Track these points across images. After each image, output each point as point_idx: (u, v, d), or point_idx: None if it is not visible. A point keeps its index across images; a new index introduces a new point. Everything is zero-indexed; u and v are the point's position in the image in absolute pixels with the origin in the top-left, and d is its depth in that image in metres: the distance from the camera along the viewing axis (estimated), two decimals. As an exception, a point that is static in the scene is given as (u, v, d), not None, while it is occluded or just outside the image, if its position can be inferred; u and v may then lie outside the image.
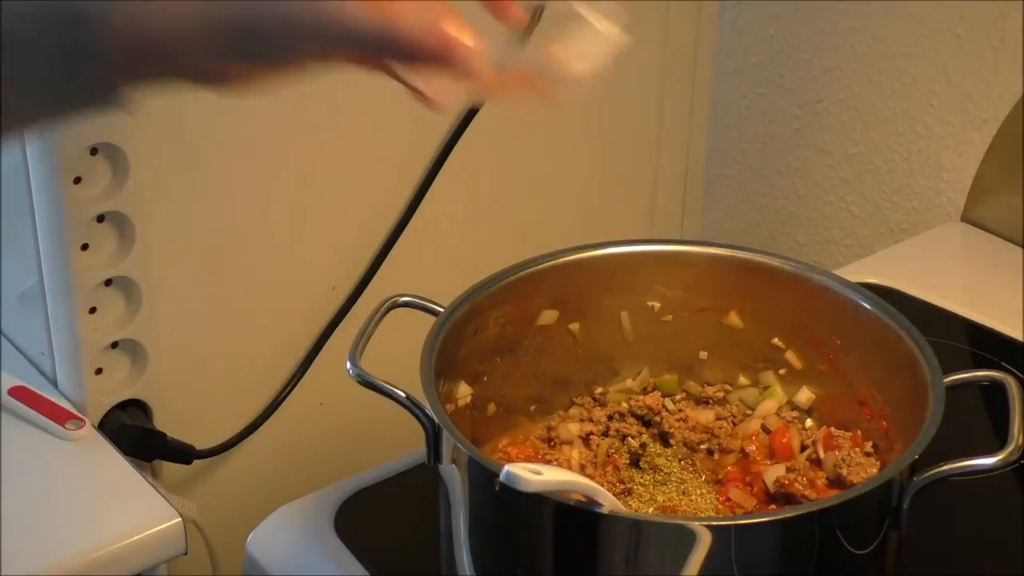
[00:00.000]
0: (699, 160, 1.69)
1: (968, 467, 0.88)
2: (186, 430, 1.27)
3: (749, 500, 1.00)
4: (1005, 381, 0.93)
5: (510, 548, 0.90)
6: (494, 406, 1.04)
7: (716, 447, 1.05)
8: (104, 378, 1.21)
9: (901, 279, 1.35)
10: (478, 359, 1.02)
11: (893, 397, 1.00)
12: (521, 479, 0.78)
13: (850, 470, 0.98)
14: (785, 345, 1.06)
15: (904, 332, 0.97)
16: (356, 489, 1.10)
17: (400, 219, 1.35)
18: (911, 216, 1.53)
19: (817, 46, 1.55)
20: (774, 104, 1.63)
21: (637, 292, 1.07)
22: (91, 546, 1.07)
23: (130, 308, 1.20)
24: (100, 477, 1.15)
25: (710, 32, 1.61)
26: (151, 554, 1.10)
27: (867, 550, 0.88)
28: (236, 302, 1.28)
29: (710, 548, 0.82)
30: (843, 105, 1.56)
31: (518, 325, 1.04)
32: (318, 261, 1.33)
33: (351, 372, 0.94)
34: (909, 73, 1.48)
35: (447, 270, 1.39)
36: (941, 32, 1.44)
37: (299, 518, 1.08)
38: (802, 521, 0.85)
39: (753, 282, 1.05)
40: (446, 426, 0.89)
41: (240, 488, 1.35)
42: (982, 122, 1.43)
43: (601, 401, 1.08)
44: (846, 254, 1.61)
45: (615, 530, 0.85)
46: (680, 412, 1.07)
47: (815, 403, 1.06)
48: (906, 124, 1.50)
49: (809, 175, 1.62)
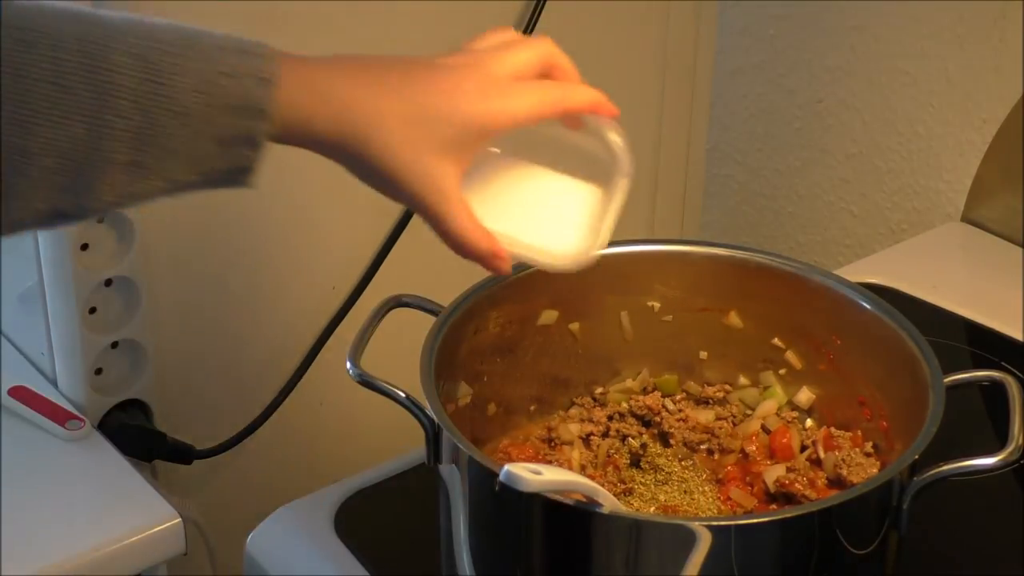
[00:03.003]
0: (699, 160, 1.69)
1: (968, 467, 0.88)
2: (186, 430, 1.27)
3: (749, 500, 1.00)
4: (1005, 381, 0.93)
5: (510, 548, 0.90)
6: (494, 406, 1.04)
7: (716, 447, 1.05)
8: (104, 378, 1.21)
9: (901, 279, 1.35)
10: (478, 359, 1.02)
11: (893, 397, 1.00)
12: (521, 479, 0.78)
13: (850, 470, 0.98)
14: (785, 345, 1.06)
15: (904, 332, 0.97)
16: (356, 489, 1.10)
17: (400, 219, 1.35)
18: (911, 216, 1.53)
19: (817, 46, 1.55)
20: (774, 104, 1.63)
21: (637, 292, 1.07)
22: (91, 546, 1.07)
23: (130, 308, 1.20)
24: (100, 477, 1.15)
25: (710, 32, 1.61)
26: (151, 554, 1.10)
27: (867, 550, 0.88)
28: (236, 302, 1.28)
29: (710, 548, 0.82)
30: (843, 105, 1.56)
31: (518, 325, 1.04)
32: (318, 261, 1.33)
33: (351, 372, 0.94)
34: (909, 73, 1.48)
35: (447, 270, 1.38)
36: (941, 32, 1.44)
37: (299, 518, 1.08)
38: (802, 521, 0.85)
39: (753, 282, 1.05)
40: (446, 426, 0.89)
41: (240, 488, 1.35)
42: (982, 122, 1.43)
43: (601, 401, 1.08)
44: (846, 254, 1.61)
45: (615, 530, 0.85)
46: (680, 412, 1.07)
47: (815, 403, 1.06)
48: (906, 124, 1.50)
49: (809, 175, 1.62)
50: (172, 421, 1.26)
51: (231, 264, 1.27)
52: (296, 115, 0.75)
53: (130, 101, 0.69)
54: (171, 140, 0.71)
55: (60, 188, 0.69)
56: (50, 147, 0.68)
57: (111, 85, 0.69)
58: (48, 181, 0.69)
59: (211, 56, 0.72)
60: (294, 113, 0.75)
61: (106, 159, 0.70)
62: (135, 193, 0.72)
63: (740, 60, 1.64)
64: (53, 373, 1.22)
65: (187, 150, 0.72)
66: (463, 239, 0.82)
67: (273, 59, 0.74)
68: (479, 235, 0.82)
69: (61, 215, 0.71)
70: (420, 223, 1.36)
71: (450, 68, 0.81)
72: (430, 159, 0.79)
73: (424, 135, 0.78)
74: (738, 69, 1.64)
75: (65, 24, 0.69)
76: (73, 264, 1.15)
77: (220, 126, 0.72)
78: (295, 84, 0.75)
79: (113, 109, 0.69)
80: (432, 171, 0.79)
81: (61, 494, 1.13)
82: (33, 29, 0.68)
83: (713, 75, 1.65)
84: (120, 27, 0.70)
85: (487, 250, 0.83)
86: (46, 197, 0.69)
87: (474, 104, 0.80)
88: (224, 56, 0.72)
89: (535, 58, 0.83)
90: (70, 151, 0.69)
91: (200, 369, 1.28)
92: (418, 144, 0.78)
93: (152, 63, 0.70)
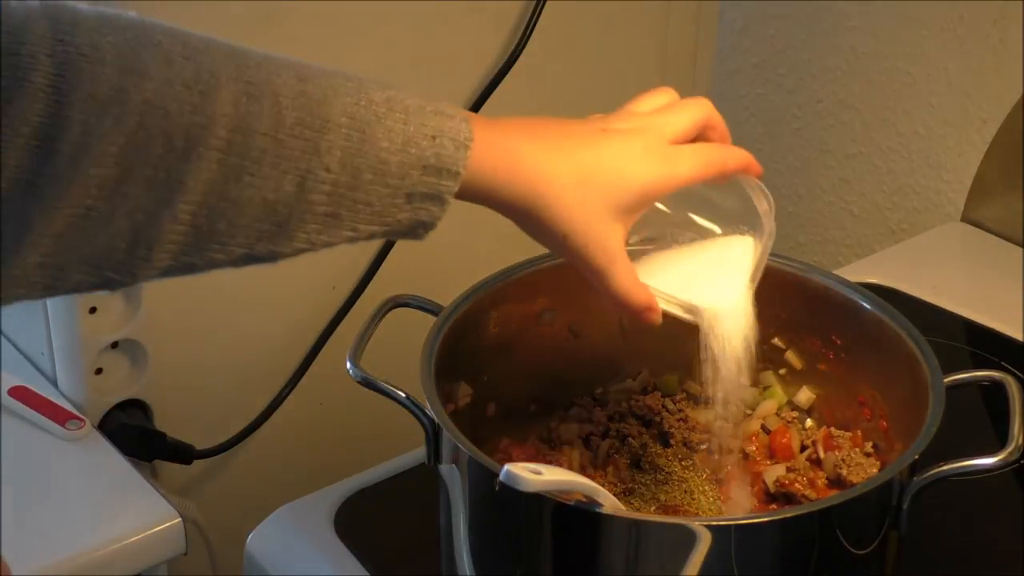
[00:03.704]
0: (699, 160, 1.69)
1: (968, 467, 0.88)
2: (186, 430, 1.27)
3: (749, 500, 1.00)
4: (1005, 381, 0.93)
5: (510, 548, 0.90)
6: (494, 406, 1.04)
7: (716, 447, 1.05)
8: (104, 378, 1.21)
9: (901, 279, 1.35)
10: (478, 359, 1.02)
11: (893, 397, 1.00)
12: (521, 479, 0.78)
13: (850, 470, 0.98)
14: (785, 345, 1.06)
15: (904, 332, 0.97)
16: (356, 489, 1.10)
17: (400, 219, 1.35)
18: (911, 216, 1.53)
19: (817, 46, 1.55)
20: (774, 104, 1.63)
21: (637, 292, 1.07)
22: (91, 546, 1.08)
23: (130, 308, 1.20)
24: (100, 477, 1.15)
25: (710, 32, 1.61)
26: (151, 554, 1.10)
27: (867, 550, 0.88)
28: (236, 302, 1.28)
29: (710, 548, 0.82)
30: (843, 105, 1.56)
31: (518, 325, 1.04)
32: (318, 261, 1.32)
33: (351, 372, 0.94)
34: (909, 73, 1.48)
35: (447, 270, 1.39)
36: (941, 32, 1.44)
37: (299, 518, 1.08)
38: (802, 521, 0.85)
39: (753, 282, 1.05)
40: (446, 426, 0.89)
41: (240, 488, 1.35)
42: (982, 122, 1.43)
43: (601, 401, 1.08)
44: (846, 254, 1.61)
45: (615, 530, 0.85)
46: (680, 412, 1.07)
47: (815, 403, 1.06)
48: (906, 124, 1.50)
49: (809, 175, 1.62)
50: (172, 421, 1.26)
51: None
52: (480, 176, 0.78)
53: (338, 157, 0.72)
54: (367, 194, 0.74)
55: (260, 235, 0.72)
56: (260, 198, 0.70)
57: (325, 143, 0.72)
58: (251, 229, 0.71)
59: (413, 117, 0.75)
60: (479, 175, 0.78)
61: (307, 210, 0.72)
62: (324, 242, 0.75)
63: (740, 60, 1.64)
64: (53, 373, 1.22)
65: (380, 204, 0.75)
66: (626, 298, 0.85)
67: (467, 121, 0.77)
68: (640, 293, 0.86)
69: (253, 259, 0.73)
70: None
71: (619, 133, 0.85)
72: (601, 220, 0.83)
73: (597, 198, 0.82)
74: (738, 69, 1.64)
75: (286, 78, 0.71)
76: (73, 264, 1.15)
77: (413, 183, 0.75)
78: (483, 146, 0.78)
79: (324, 165, 0.72)
80: (602, 232, 0.83)
81: (61, 494, 1.13)
82: (257, 84, 0.70)
83: (713, 75, 1.65)
84: (334, 85, 0.73)
85: (645, 304, 0.86)
86: (245, 243, 0.72)
87: (643, 169, 0.84)
88: (425, 118, 0.75)
89: (695, 120, 0.88)
90: (277, 202, 0.71)
91: (200, 369, 1.28)
92: (590, 206, 0.82)
93: (362, 121, 0.73)
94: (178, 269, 0.71)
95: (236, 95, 0.69)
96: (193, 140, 0.68)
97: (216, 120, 0.68)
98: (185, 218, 0.69)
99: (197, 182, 0.68)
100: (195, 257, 0.71)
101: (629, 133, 0.85)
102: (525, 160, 0.80)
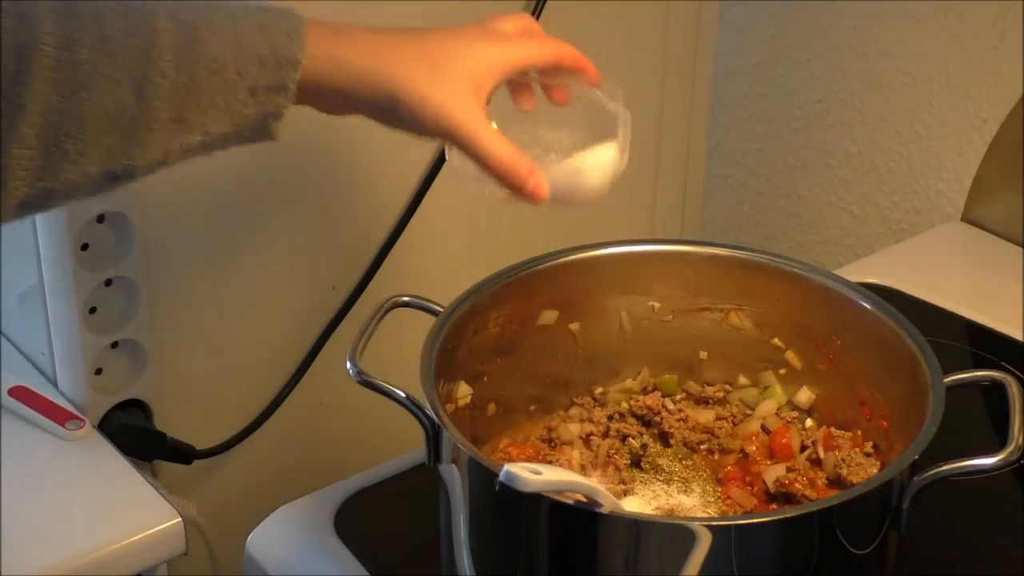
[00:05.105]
0: (699, 160, 1.69)
1: (968, 467, 0.88)
2: (186, 430, 1.27)
3: (749, 500, 1.00)
4: (1005, 381, 0.93)
5: (510, 548, 0.90)
6: (494, 406, 1.04)
7: (716, 447, 1.05)
8: (104, 378, 1.21)
9: (901, 279, 1.35)
10: (478, 359, 1.02)
11: (893, 397, 1.00)
12: (521, 479, 0.78)
13: (850, 470, 0.98)
14: (785, 345, 1.06)
15: (904, 332, 0.97)
16: (356, 489, 1.10)
17: (400, 219, 1.35)
18: (911, 216, 1.53)
19: (817, 46, 1.55)
20: (774, 104, 1.63)
21: (637, 292, 1.07)
22: (91, 546, 1.07)
23: (130, 308, 1.20)
24: (100, 477, 1.15)
25: (710, 32, 1.61)
26: (151, 554, 1.10)
27: (867, 550, 0.88)
28: (236, 302, 1.28)
29: (710, 548, 0.82)
30: (843, 105, 1.56)
31: (518, 325, 1.04)
32: (318, 261, 1.33)
33: (351, 372, 0.94)
34: (909, 73, 1.48)
35: (447, 270, 1.39)
36: (941, 32, 1.44)
37: (299, 518, 1.08)
38: (802, 521, 0.85)
39: (753, 282, 1.05)
40: (446, 426, 0.89)
41: (240, 488, 1.35)
42: (982, 122, 1.43)
43: (601, 401, 1.08)
44: (846, 254, 1.61)
45: (615, 530, 0.85)
46: (680, 412, 1.07)
47: (815, 403, 1.06)
48: (906, 124, 1.50)
49: (809, 175, 1.62)
50: (172, 421, 1.26)
51: (231, 264, 1.27)
52: (330, 67, 0.81)
53: (171, 61, 0.74)
54: (209, 94, 0.76)
55: (110, 150, 0.74)
56: (100, 111, 0.72)
57: (156, 49, 0.74)
58: (99, 144, 0.73)
59: (242, 15, 0.78)
60: (322, 64, 0.81)
61: (152, 117, 0.74)
62: (178, 150, 0.76)
63: (740, 60, 1.64)
64: (53, 373, 1.22)
65: (224, 102, 0.77)
66: (498, 154, 0.88)
67: (298, 16, 0.80)
68: (514, 152, 0.89)
69: (112, 177, 0.75)
70: (420, 223, 1.37)
71: (458, 28, 0.91)
72: (459, 94, 0.87)
73: (452, 76, 0.87)
74: (738, 69, 1.64)
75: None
76: (73, 264, 1.15)
77: (253, 77, 0.78)
78: (322, 37, 0.81)
79: (159, 71, 0.74)
80: (461, 105, 0.87)
81: (61, 494, 1.13)
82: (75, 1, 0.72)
83: (713, 75, 1.65)
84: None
85: (523, 165, 0.89)
86: (98, 160, 0.73)
87: (486, 48, 0.90)
88: (251, 14, 0.78)
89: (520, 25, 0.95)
90: (119, 113, 0.73)
91: (200, 369, 1.28)
92: (448, 84, 0.86)
93: (187, 25, 0.75)
94: (39, 198, 0.73)
95: (57, 13, 0.71)
96: (23, 61, 0.70)
97: (40, 39, 0.70)
98: (31, 141, 0.70)
99: (34, 103, 0.70)
100: (50, 180, 0.72)
101: (467, 27, 0.92)
102: (372, 49, 0.84)
